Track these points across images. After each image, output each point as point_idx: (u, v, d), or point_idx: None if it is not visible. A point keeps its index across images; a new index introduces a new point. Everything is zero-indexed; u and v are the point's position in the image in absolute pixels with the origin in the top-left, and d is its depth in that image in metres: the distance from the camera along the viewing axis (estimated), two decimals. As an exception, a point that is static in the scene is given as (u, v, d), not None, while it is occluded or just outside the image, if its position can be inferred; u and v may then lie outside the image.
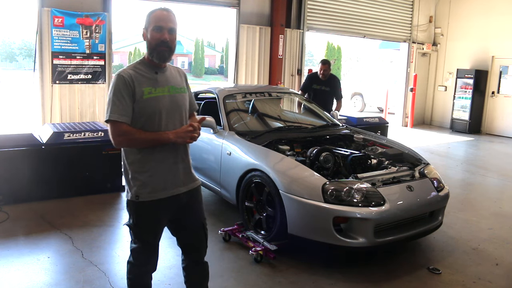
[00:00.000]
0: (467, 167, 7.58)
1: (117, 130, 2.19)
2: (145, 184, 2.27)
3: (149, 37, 2.27)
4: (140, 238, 2.36)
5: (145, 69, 2.29)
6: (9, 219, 4.33)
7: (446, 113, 12.41)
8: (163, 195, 2.31)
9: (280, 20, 9.26)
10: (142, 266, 2.45)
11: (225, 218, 4.55)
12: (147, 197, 2.27)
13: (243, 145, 4.17)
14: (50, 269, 3.40)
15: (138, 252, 2.40)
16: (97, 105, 7.39)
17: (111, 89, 2.23)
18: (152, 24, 2.26)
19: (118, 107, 2.18)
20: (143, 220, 2.33)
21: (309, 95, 6.75)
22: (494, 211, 5.17)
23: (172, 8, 2.35)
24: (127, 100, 2.20)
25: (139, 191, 2.27)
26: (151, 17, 2.27)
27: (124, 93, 2.19)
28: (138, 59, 2.37)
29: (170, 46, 2.26)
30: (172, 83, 2.36)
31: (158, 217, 2.35)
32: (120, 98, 2.19)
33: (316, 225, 3.47)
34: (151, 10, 2.30)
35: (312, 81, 6.80)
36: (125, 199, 2.41)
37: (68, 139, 5.06)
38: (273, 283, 3.28)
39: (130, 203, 2.32)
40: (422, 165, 4.19)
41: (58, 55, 6.90)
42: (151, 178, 2.28)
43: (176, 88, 2.36)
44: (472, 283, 3.42)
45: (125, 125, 2.19)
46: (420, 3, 12.21)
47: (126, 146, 2.28)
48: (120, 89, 2.19)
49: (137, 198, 2.27)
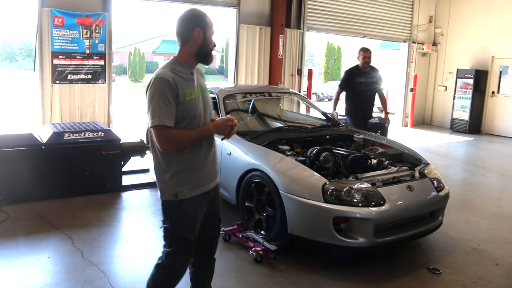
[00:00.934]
0: (467, 167, 7.58)
1: (166, 135, 2.17)
2: (185, 181, 2.28)
3: (207, 40, 2.30)
4: (180, 237, 2.33)
5: (182, 69, 2.30)
6: (9, 219, 4.33)
7: (446, 113, 12.41)
8: (202, 190, 2.33)
9: (280, 20, 9.26)
10: (180, 269, 2.41)
11: (225, 218, 4.48)
12: (187, 194, 2.28)
13: (243, 145, 4.17)
14: (50, 269, 3.40)
15: (177, 254, 2.35)
16: (97, 105, 7.39)
17: (153, 92, 2.18)
18: (210, 28, 2.31)
19: (165, 111, 2.15)
20: (184, 218, 2.31)
21: (351, 92, 6.12)
22: (494, 211, 5.17)
23: (172, 8, 2.37)
24: (173, 104, 2.18)
25: (178, 189, 2.27)
26: (208, 21, 2.30)
27: (170, 96, 2.17)
28: (170, 60, 2.34)
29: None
30: (201, 83, 2.41)
31: (197, 213, 2.36)
32: (166, 102, 2.16)
33: (316, 225, 3.47)
34: (200, 12, 2.31)
35: (354, 74, 6.12)
36: (125, 199, 2.41)
37: (68, 139, 5.06)
38: (273, 283, 3.28)
39: (168, 203, 2.30)
40: (422, 165, 4.19)
41: (58, 55, 6.91)
42: (190, 175, 2.29)
43: (204, 88, 2.42)
44: (472, 283, 3.42)
45: (173, 129, 2.18)
46: (420, 3, 12.21)
47: (175, 149, 2.25)
48: (166, 93, 2.16)
49: (176, 197, 2.27)
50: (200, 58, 2.33)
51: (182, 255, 2.38)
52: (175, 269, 2.40)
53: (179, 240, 2.34)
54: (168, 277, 2.41)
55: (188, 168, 2.28)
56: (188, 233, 2.34)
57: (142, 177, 5.91)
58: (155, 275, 2.42)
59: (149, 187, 5.54)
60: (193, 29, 2.27)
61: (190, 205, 2.31)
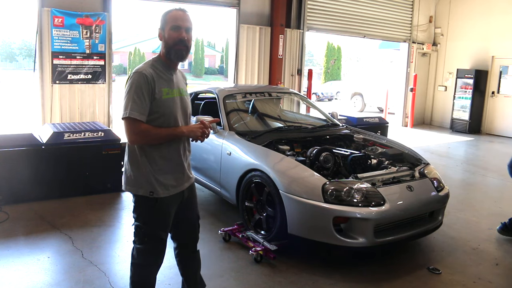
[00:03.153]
0: (467, 167, 7.59)
1: (135, 128, 2.20)
2: (159, 181, 2.31)
3: (166, 36, 2.30)
4: (152, 236, 2.36)
5: (162, 69, 2.34)
6: (9, 219, 4.33)
7: (446, 113, 12.42)
8: (175, 191, 2.37)
9: (280, 20, 9.26)
10: (150, 266, 2.46)
11: (225, 218, 4.55)
12: (161, 194, 2.31)
13: (243, 145, 4.17)
14: (50, 269, 3.40)
15: (147, 252, 2.40)
16: (97, 105, 7.40)
17: (130, 85, 2.22)
18: (169, 23, 2.28)
19: (138, 105, 2.19)
20: (157, 216, 2.35)
21: None
22: (494, 211, 5.17)
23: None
24: (147, 98, 2.22)
25: (153, 188, 2.30)
26: (167, 17, 2.30)
27: (145, 91, 2.21)
28: (154, 57, 2.38)
29: (187, 44, 2.32)
30: (181, 85, 2.44)
31: (170, 212, 2.41)
32: (140, 96, 2.20)
33: (316, 225, 3.47)
34: (166, 11, 2.33)
35: None
36: (125, 199, 2.43)
37: (68, 139, 5.06)
38: (273, 283, 3.28)
39: (142, 199, 2.32)
40: (422, 165, 4.19)
41: (58, 55, 6.91)
42: (165, 175, 2.33)
43: (183, 90, 2.44)
44: (472, 283, 3.42)
45: (143, 124, 2.21)
46: (420, 3, 12.21)
47: (142, 143, 2.29)
48: (142, 87, 2.21)
49: (152, 194, 2.30)
50: (170, 55, 2.31)
51: (153, 254, 2.42)
52: (148, 265, 2.44)
53: (151, 238, 2.37)
54: (143, 276, 2.45)
55: (161, 169, 2.32)
56: (161, 232, 2.38)
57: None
58: (131, 277, 2.48)
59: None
60: (158, 31, 2.35)
61: (164, 205, 2.35)
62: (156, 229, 2.37)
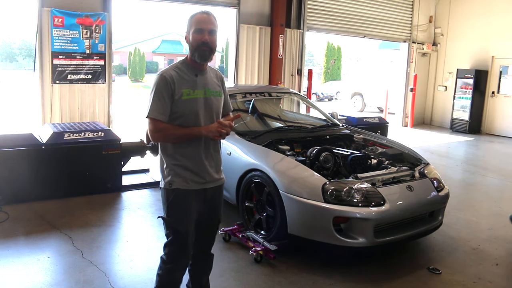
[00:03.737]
0: (467, 167, 7.59)
1: (155, 126, 2.35)
2: (178, 174, 2.41)
3: (191, 39, 2.40)
4: (172, 228, 2.45)
5: (186, 70, 2.43)
6: (9, 219, 4.33)
7: (446, 113, 12.41)
8: (195, 187, 2.44)
9: (280, 20, 9.26)
10: (173, 261, 2.49)
11: (225, 218, 4.51)
12: (180, 185, 2.41)
13: (243, 145, 4.17)
14: (50, 269, 3.40)
15: (171, 244, 2.48)
16: (97, 105, 7.39)
17: (152, 87, 2.38)
18: (193, 26, 2.39)
19: (157, 105, 2.34)
20: (176, 209, 2.43)
21: None
22: (494, 211, 5.17)
23: (172, 8, 2.41)
24: (166, 99, 2.35)
25: (172, 179, 2.41)
26: (192, 20, 2.40)
27: (164, 93, 2.35)
28: (181, 59, 2.49)
29: (210, 46, 2.39)
30: (209, 86, 2.49)
31: (189, 206, 2.45)
32: (160, 97, 2.34)
33: (316, 225, 3.47)
34: (192, 14, 2.43)
35: None
36: (125, 199, 2.45)
37: (68, 139, 5.06)
38: (273, 283, 3.28)
39: (164, 192, 2.45)
40: (422, 165, 4.19)
41: (58, 55, 6.91)
42: (185, 171, 2.42)
43: (212, 91, 2.49)
44: (472, 283, 3.42)
45: (162, 123, 2.35)
46: (420, 3, 12.21)
47: (162, 141, 2.44)
48: (161, 89, 2.35)
49: (170, 186, 2.41)
50: (194, 57, 2.40)
51: (174, 247, 2.47)
52: (170, 261, 2.49)
53: (173, 231, 2.46)
54: (166, 271, 2.51)
55: (180, 164, 2.42)
56: (179, 225, 2.44)
57: (142, 177, 5.91)
58: (158, 270, 2.56)
59: (149, 187, 5.54)
60: (185, 34, 2.47)
61: (182, 196, 2.42)
62: (175, 221, 2.44)
